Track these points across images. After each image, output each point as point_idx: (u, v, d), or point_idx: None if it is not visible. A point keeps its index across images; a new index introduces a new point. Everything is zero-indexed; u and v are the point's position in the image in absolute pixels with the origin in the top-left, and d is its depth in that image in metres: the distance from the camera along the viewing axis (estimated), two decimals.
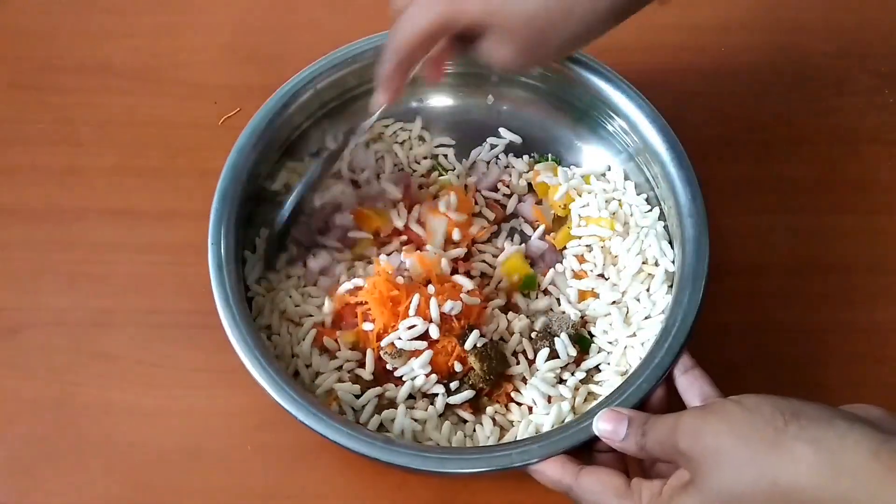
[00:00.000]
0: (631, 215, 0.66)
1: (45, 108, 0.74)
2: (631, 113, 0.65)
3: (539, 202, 0.69)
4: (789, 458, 0.43)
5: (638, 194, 0.67)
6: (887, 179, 0.73)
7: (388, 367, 0.60)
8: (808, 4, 0.79)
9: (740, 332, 0.67)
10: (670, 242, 0.64)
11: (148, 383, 0.64)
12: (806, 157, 0.73)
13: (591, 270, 0.65)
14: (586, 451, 0.54)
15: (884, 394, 0.65)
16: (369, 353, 0.60)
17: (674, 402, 0.56)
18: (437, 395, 0.60)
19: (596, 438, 0.53)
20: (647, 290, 0.63)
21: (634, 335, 0.62)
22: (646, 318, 0.62)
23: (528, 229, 0.68)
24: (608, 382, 0.61)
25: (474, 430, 0.60)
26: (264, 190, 0.65)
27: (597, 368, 0.62)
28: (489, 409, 0.60)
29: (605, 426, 0.52)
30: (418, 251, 0.64)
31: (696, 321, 0.57)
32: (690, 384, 0.55)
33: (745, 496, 0.44)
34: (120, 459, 0.62)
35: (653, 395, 0.56)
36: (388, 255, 0.65)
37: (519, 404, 0.61)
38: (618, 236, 0.65)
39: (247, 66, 0.76)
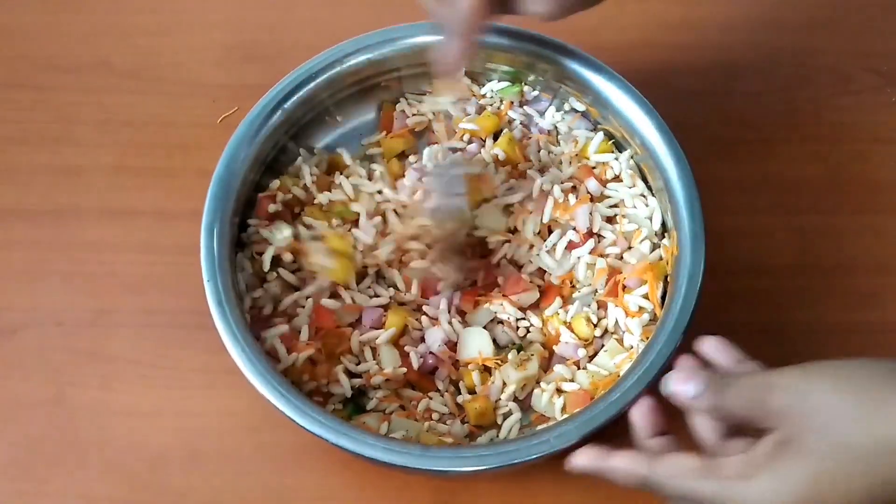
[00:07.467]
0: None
1: (44, 108, 0.74)
2: (631, 112, 0.64)
3: None
4: None
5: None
6: (889, 179, 0.72)
7: None
8: (809, 3, 0.79)
9: (741, 332, 0.66)
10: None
11: (146, 384, 0.64)
12: (807, 156, 0.73)
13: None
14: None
15: None
16: None
17: (668, 410, 0.54)
18: None
19: (596, 438, 0.52)
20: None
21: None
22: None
23: None
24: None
25: None
26: (259, 187, 0.65)
27: None
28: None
29: (678, 386, 0.49)
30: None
31: (690, 324, 0.56)
32: (719, 349, 0.53)
33: (859, 452, 0.43)
34: (117, 460, 0.62)
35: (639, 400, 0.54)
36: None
37: None
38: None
39: (245, 65, 0.76)
